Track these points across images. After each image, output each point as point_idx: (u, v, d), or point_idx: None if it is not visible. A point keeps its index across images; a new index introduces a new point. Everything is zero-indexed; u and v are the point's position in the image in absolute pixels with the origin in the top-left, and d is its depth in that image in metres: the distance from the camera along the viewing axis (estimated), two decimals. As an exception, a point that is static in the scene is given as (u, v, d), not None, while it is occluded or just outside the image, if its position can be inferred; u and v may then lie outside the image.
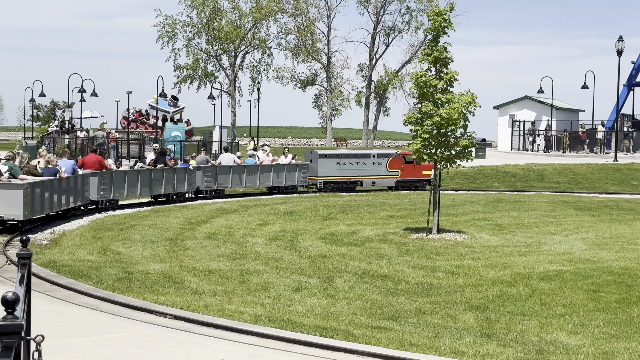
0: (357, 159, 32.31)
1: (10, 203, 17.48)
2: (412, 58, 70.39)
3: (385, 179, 32.51)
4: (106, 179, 23.63)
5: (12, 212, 17.56)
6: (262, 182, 30.55)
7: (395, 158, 32.68)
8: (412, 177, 32.69)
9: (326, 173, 31.60)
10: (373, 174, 32.25)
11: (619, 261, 15.92)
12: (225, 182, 29.10)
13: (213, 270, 14.39)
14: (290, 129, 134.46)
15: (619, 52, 43.86)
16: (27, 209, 17.73)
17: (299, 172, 31.42)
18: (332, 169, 31.73)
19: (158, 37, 71.19)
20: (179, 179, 26.92)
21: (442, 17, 19.30)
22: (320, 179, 31.58)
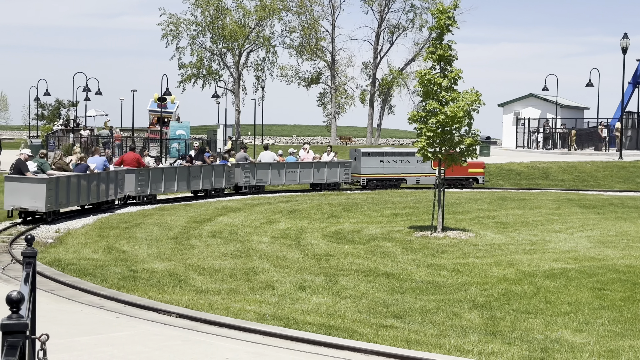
0: (401, 157, 32.85)
1: (34, 196, 19.47)
2: (417, 56, 70.34)
3: (431, 177, 32.49)
4: (143, 175, 25.15)
5: (36, 204, 19.51)
6: (303, 179, 31.45)
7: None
8: (457, 174, 32.84)
9: (369, 170, 32.22)
10: (417, 171, 32.64)
11: (624, 259, 15.89)
12: (264, 178, 30.27)
13: (218, 268, 14.40)
14: (294, 127, 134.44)
15: (623, 50, 43.77)
16: (50, 202, 19.59)
17: (340, 169, 32.15)
18: (375, 166, 32.33)
19: (162, 35, 71.30)
20: (217, 175, 28.35)
21: (446, 15, 19.27)
22: (363, 176, 32.34)
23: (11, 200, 19.69)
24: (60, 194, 20.21)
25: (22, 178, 19.88)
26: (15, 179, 19.90)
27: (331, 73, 72.35)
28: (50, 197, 19.63)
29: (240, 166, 29.60)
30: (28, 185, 19.60)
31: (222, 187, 28.76)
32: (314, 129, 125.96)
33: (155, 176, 25.71)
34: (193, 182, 27.49)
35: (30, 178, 19.88)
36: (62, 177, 20.64)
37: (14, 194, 19.66)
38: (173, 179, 26.57)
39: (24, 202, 19.61)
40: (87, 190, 21.87)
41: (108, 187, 23.12)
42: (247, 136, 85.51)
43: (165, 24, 71.14)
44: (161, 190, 26.12)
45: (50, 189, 19.73)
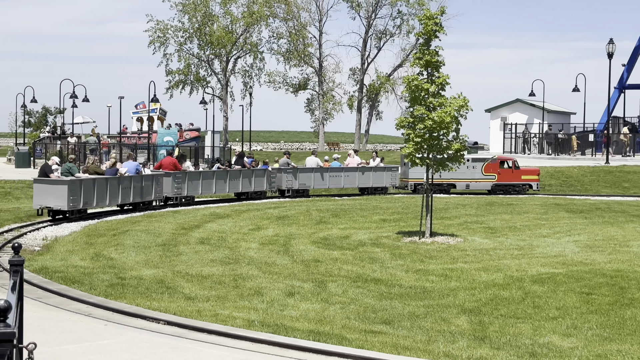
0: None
1: (57, 196, 21.79)
2: (404, 62, 70.48)
3: (481, 183, 33.78)
4: (180, 178, 27.31)
5: (59, 203, 21.80)
6: (347, 183, 32.69)
7: (492, 162, 33.96)
8: (510, 181, 33.66)
9: (418, 175, 32.47)
10: (467, 177, 33.49)
11: (611, 263, 15.96)
12: (307, 182, 31.74)
13: (206, 275, 14.37)
14: (282, 134, 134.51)
15: (609, 55, 44.02)
16: (72, 201, 21.89)
17: (387, 174, 33.21)
18: (423, 171, 32.26)
19: (150, 42, 71.14)
20: (257, 179, 30.44)
21: (433, 21, 19.33)
22: (411, 181, 33.38)
23: (39, 200, 22.10)
24: (84, 195, 22.47)
25: (48, 180, 22.26)
26: (41, 181, 22.25)
27: (319, 79, 72.41)
28: (72, 197, 21.85)
29: (283, 171, 31.21)
30: (52, 187, 21.95)
31: (264, 190, 30.81)
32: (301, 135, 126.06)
33: (192, 179, 27.85)
34: (232, 185, 29.54)
35: (55, 180, 22.25)
36: (87, 180, 22.84)
37: (41, 194, 22.06)
38: (211, 182, 28.66)
39: (49, 201, 21.90)
40: (118, 192, 24.05)
41: (142, 189, 25.26)
42: (235, 142, 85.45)
43: (153, 30, 71.01)
44: (199, 192, 28.24)
45: (73, 189, 21.96)
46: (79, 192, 22.27)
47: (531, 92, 53.64)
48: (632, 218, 24.52)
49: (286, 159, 32.02)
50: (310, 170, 32.02)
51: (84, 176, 23.21)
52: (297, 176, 31.42)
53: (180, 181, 27.29)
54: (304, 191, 31.70)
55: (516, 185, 33.61)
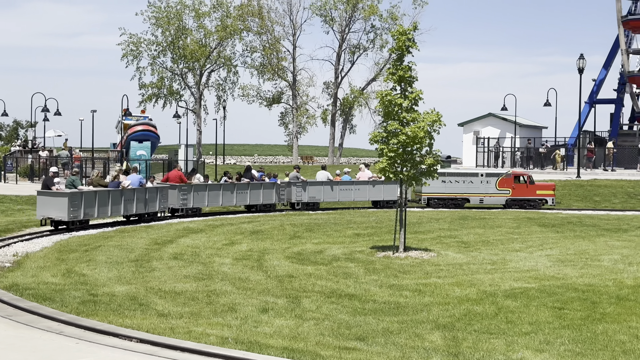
0: (464, 177, 34.12)
1: (58, 207, 23.01)
2: (378, 76, 70.83)
3: (495, 197, 34.02)
4: (185, 190, 28.51)
5: (60, 214, 23.02)
6: (358, 196, 33.29)
7: (506, 177, 34.21)
8: (524, 195, 33.90)
9: (431, 190, 33.09)
10: (481, 191, 33.82)
11: (583, 278, 16.09)
12: (317, 195, 32.57)
13: (179, 291, 14.27)
14: (256, 147, 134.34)
15: (580, 70, 44.53)
16: (72, 212, 23.13)
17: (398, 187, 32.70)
18: (437, 185, 33.12)
19: (123, 55, 70.91)
20: (266, 191, 31.40)
21: (406, 37, 19.43)
22: (424, 195, 33.67)
23: (41, 211, 23.28)
24: (85, 206, 23.65)
25: (49, 192, 23.33)
26: (44, 193, 23.34)
27: (292, 93, 72.50)
28: (73, 208, 23.11)
29: (293, 184, 32.19)
30: (53, 199, 23.12)
31: (273, 203, 31.58)
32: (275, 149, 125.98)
33: (198, 191, 29.05)
34: (239, 197, 30.60)
35: (55, 192, 23.31)
36: (88, 192, 24.04)
37: (43, 206, 23.23)
38: (218, 194, 29.74)
39: (50, 212, 23.11)
40: (120, 203, 25.22)
41: (146, 200, 26.40)
42: (208, 156, 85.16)
43: (126, 43, 70.79)
44: (205, 204, 29.38)
45: (74, 201, 23.19)
46: (79, 203, 23.43)
47: (503, 107, 54.09)
48: (603, 232, 24.77)
49: (296, 173, 33.06)
50: (319, 183, 32.84)
51: (86, 188, 24.58)
52: (307, 189, 32.37)
53: (185, 193, 28.51)
54: (314, 204, 32.53)
55: (531, 200, 33.84)
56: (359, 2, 69.73)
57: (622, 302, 13.58)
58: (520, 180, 33.97)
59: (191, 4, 71.63)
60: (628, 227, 26.22)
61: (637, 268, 17.45)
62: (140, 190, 26.19)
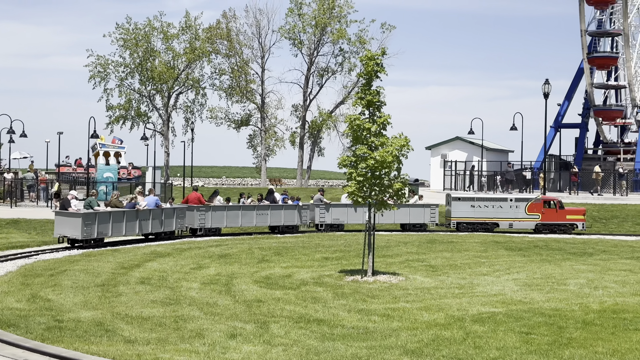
0: (493, 202, 34.50)
1: (73, 226, 25.10)
2: (346, 99, 71.10)
3: (524, 222, 34.25)
4: (203, 211, 30.32)
5: (75, 233, 25.06)
6: (383, 219, 32.93)
7: (535, 202, 34.41)
8: (554, 220, 34.09)
9: (460, 214, 34.06)
10: (510, 216, 34.14)
11: (549, 302, 16.22)
12: (341, 217, 33.46)
13: (146, 317, 14.14)
14: (224, 169, 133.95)
15: (545, 95, 45.10)
16: (86, 231, 25.12)
17: (426, 210, 34.52)
18: (466, 210, 34.04)
19: (90, 77, 70.50)
20: (289, 213, 32.56)
21: (374, 62, 19.57)
22: (454, 219, 34.18)
23: (58, 229, 25.41)
24: (99, 225, 25.61)
25: (65, 212, 25.51)
26: (61, 213, 25.57)
27: (261, 115, 72.51)
28: (86, 227, 25.08)
29: (316, 206, 33.52)
30: (69, 219, 25.24)
31: (296, 224, 32.78)
32: (244, 171, 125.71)
33: (216, 212, 30.73)
34: (259, 218, 31.93)
35: (70, 212, 25.40)
36: (102, 212, 26.09)
37: (60, 225, 25.34)
38: (237, 215, 31.33)
39: (66, 231, 25.22)
40: (135, 223, 27.06)
41: (162, 220, 28.38)
42: (176, 178, 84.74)
43: (93, 65, 70.42)
44: (224, 224, 31.03)
45: (87, 221, 25.15)
46: (93, 223, 25.38)
47: (470, 130, 54.56)
48: (568, 256, 25.01)
49: (319, 196, 34.40)
50: (343, 205, 33.49)
51: (102, 209, 26.63)
52: (330, 211, 33.46)
53: (203, 214, 30.24)
54: (339, 225, 33.48)
55: (561, 225, 34.05)
56: (328, 26, 70.11)
57: (588, 327, 13.70)
58: (550, 205, 34.20)
59: (159, 26, 71.53)
60: (593, 251, 26.51)
61: (602, 292, 17.63)
62: (156, 211, 28.16)
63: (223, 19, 72.29)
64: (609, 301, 16.41)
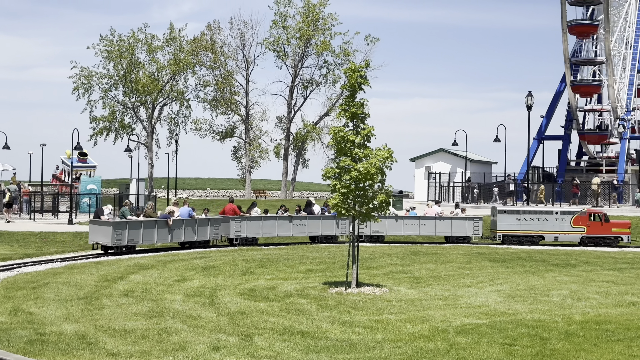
0: (539, 215, 34.64)
1: (104, 234, 27.29)
2: (330, 110, 71.28)
3: (570, 235, 34.35)
4: (239, 222, 31.58)
5: (106, 240, 27.27)
6: (425, 231, 34.09)
7: (581, 215, 34.41)
8: (599, 233, 34.06)
9: (505, 227, 34.20)
10: (556, 229, 34.22)
11: (532, 313, 16.28)
12: (381, 228, 33.51)
13: (129, 329, 14.08)
14: (208, 181, 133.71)
15: (528, 107, 45.45)
16: (116, 239, 27.15)
17: (469, 223, 34.42)
18: (512, 223, 34.18)
19: (74, 88, 70.34)
20: (326, 223, 33.27)
21: (358, 74, 19.64)
22: (499, 232, 34.36)
23: (92, 237, 27.86)
24: (130, 234, 27.55)
25: (98, 221, 27.98)
26: (94, 222, 28.17)
27: (245, 127, 72.54)
28: (117, 235, 27.11)
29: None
30: (101, 227, 27.56)
31: (334, 235, 33.45)
32: (228, 182, 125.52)
33: (252, 222, 31.94)
34: (296, 229, 32.89)
35: (103, 221, 27.80)
36: (133, 221, 28.04)
37: (93, 232, 27.75)
38: (273, 225, 32.39)
39: (99, 238, 27.54)
40: (167, 233, 28.94)
41: (196, 230, 30.15)
42: (160, 189, 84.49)
43: (77, 77, 70.27)
44: (260, 234, 32.12)
45: (118, 230, 27.18)
46: (124, 231, 27.31)
47: (454, 142, 54.85)
48: (552, 267, 25.12)
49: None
50: (384, 217, 32.96)
51: (135, 218, 28.62)
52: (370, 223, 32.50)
53: (239, 224, 31.51)
54: (379, 237, 33.81)
55: (606, 237, 34.01)
56: (312, 38, 70.33)
57: (571, 338, 13.77)
58: (595, 218, 34.22)
59: (143, 38, 71.51)
60: (576, 262, 26.64)
61: (585, 303, 17.72)
62: (189, 221, 29.90)
63: (207, 31, 72.46)
64: (592, 312, 16.50)
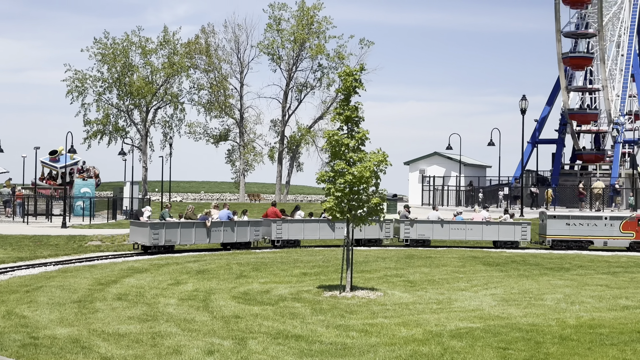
0: (588, 220, 34.60)
1: (142, 234, 29.19)
2: (325, 114, 71.28)
3: (619, 240, 34.30)
4: (280, 224, 32.77)
5: (144, 240, 29.14)
6: (471, 235, 34.40)
7: (630, 220, 34.38)
8: None
9: (555, 232, 34.22)
10: (605, 234, 34.22)
11: (526, 317, 16.28)
12: (427, 233, 34.23)
13: (123, 333, 14.04)
14: (202, 184, 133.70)
15: (522, 111, 45.50)
16: (154, 239, 28.97)
17: (517, 228, 34.46)
18: (561, 228, 34.22)
19: (67, 91, 70.25)
20: (369, 228, 32.28)
21: (352, 77, 19.64)
22: (549, 237, 34.34)
23: (132, 237, 29.91)
24: (167, 234, 29.26)
25: (137, 222, 29.85)
26: (134, 223, 30.16)
27: (240, 130, 72.49)
28: (154, 236, 28.86)
29: (401, 221, 34.44)
30: (139, 228, 29.48)
31: (379, 238, 34.20)
32: (222, 186, 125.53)
33: (294, 225, 33.06)
34: (339, 232, 32.67)
35: (142, 222, 29.63)
36: (170, 222, 29.85)
37: (133, 233, 29.77)
38: (315, 228, 33.34)
39: (138, 238, 29.44)
40: (205, 234, 30.54)
41: (235, 232, 31.51)
42: (154, 193, 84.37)
43: (71, 80, 70.18)
44: (301, 236, 33.10)
45: (155, 230, 28.97)
46: (161, 232, 29.04)
47: (448, 146, 54.88)
48: (545, 271, 25.15)
49: (405, 212, 35.60)
50: (429, 221, 34.47)
51: (173, 220, 30.38)
52: (415, 227, 34.29)
53: (280, 226, 32.72)
54: (424, 241, 34.22)
55: None
56: (306, 41, 70.34)
57: (565, 342, 13.77)
58: None
59: (138, 41, 71.44)
60: (570, 266, 26.68)
61: (579, 307, 17.74)
62: (228, 223, 31.23)
63: (202, 34, 72.42)
64: (586, 316, 16.52)
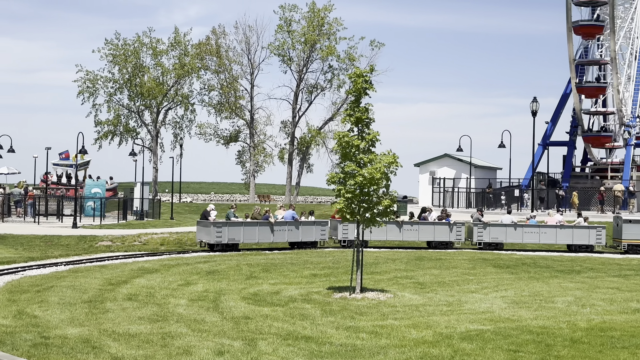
0: None
1: (207, 233, 31.02)
2: (335, 115, 71.24)
3: None
4: (347, 225, 32.82)
5: (209, 238, 30.97)
6: (545, 239, 34.29)
7: None
8: None
9: (631, 236, 34.03)
10: None
11: (537, 320, 16.23)
12: (500, 236, 34.17)
13: (133, 333, 14.07)
14: (213, 185, 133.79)
15: (533, 113, 45.42)
16: (217, 237, 30.64)
17: (592, 232, 34.27)
18: (637, 232, 34.05)
19: (79, 92, 70.47)
20: (440, 229, 34.23)
21: (363, 79, 19.63)
22: (624, 242, 34.15)
23: (199, 235, 31.69)
24: (230, 233, 30.90)
25: (204, 222, 31.59)
26: (200, 223, 31.90)
27: (250, 131, 72.56)
28: (217, 235, 30.58)
29: (474, 224, 34.63)
30: (205, 227, 31.26)
31: (449, 240, 34.16)
32: (232, 187, 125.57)
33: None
34: (407, 234, 33.99)
35: (207, 222, 31.24)
36: (234, 222, 31.37)
37: (200, 232, 31.58)
38: (383, 230, 31.39)
39: (204, 237, 31.32)
40: (268, 233, 31.79)
41: (300, 231, 32.69)
42: (164, 194, 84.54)
43: (82, 80, 70.41)
44: (368, 237, 30.91)
45: (219, 230, 30.67)
46: (225, 231, 30.68)
47: (459, 147, 54.73)
48: (556, 273, 25.07)
49: (478, 215, 35.73)
50: (502, 225, 34.48)
51: (238, 220, 31.79)
52: (488, 230, 34.36)
53: (347, 227, 33.08)
54: (497, 244, 34.17)
55: None
56: (317, 42, 70.35)
57: (575, 345, 13.73)
58: None
59: (148, 42, 71.62)
60: (581, 269, 26.59)
61: (590, 310, 17.67)
62: (292, 223, 32.43)
63: (212, 35, 72.54)
64: (597, 319, 16.45)
